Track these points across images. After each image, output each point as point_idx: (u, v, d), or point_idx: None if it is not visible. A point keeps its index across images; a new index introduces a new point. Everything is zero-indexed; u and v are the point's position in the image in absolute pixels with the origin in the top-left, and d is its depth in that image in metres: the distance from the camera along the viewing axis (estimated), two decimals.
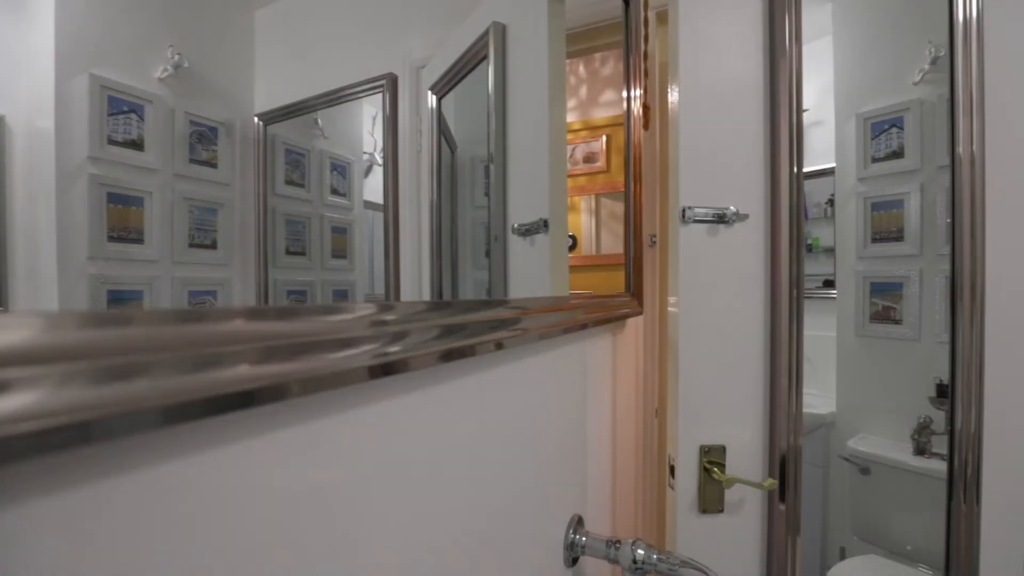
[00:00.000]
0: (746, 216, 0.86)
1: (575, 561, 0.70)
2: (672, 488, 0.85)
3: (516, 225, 0.75)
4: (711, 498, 0.85)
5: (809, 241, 2.31)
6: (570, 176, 1.67)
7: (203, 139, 0.35)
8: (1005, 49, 0.93)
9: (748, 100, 0.88)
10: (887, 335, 1.70)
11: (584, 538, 0.70)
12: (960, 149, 0.95)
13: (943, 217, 1.56)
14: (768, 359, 0.87)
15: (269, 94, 0.39)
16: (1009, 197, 0.94)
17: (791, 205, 0.86)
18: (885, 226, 1.72)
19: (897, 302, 1.69)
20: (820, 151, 2.15)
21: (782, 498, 0.87)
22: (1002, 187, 0.94)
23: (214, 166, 0.36)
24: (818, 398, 2.02)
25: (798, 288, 0.86)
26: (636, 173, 1.02)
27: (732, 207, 0.85)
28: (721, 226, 0.86)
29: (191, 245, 0.35)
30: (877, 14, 1.77)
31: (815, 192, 2.26)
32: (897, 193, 1.69)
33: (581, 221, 1.86)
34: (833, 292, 1.97)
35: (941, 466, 1.00)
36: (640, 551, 0.66)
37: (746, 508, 0.88)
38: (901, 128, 1.68)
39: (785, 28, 0.85)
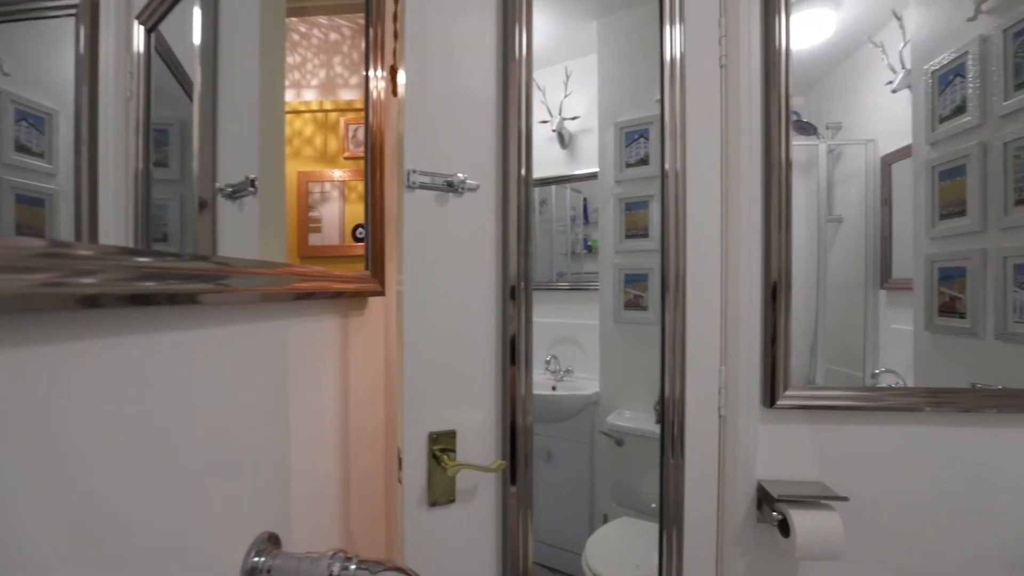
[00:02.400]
0: (476, 187, 0.83)
1: None
2: (401, 483, 0.79)
3: (223, 186, 0.65)
4: (440, 489, 0.81)
5: (589, 243, 2.55)
6: (350, 159, 1.63)
7: None
8: (698, 86, 1.10)
9: (481, 74, 0.87)
10: (637, 320, 1.94)
11: (272, 560, 0.59)
12: (667, 166, 1.10)
13: None
14: (500, 340, 0.87)
15: None
16: (701, 208, 1.11)
17: (519, 200, 0.87)
18: (636, 224, 1.96)
19: (644, 291, 1.93)
20: (593, 157, 2.36)
21: (513, 480, 0.88)
22: (696, 199, 1.11)
23: None
24: (588, 381, 2.23)
25: (527, 280, 0.88)
26: (375, 160, 0.95)
27: (460, 174, 0.81)
28: (451, 195, 0.82)
29: None
30: (630, 35, 2.01)
31: (594, 197, 2.48)
32: (644, 196, 1.93)
33: None
34: None
35: None
36: (337, 564, 0.59)
37: (480, 495, 0.87)
38: (647, 139, 1.93)
39: (515, 41, 0.87)
